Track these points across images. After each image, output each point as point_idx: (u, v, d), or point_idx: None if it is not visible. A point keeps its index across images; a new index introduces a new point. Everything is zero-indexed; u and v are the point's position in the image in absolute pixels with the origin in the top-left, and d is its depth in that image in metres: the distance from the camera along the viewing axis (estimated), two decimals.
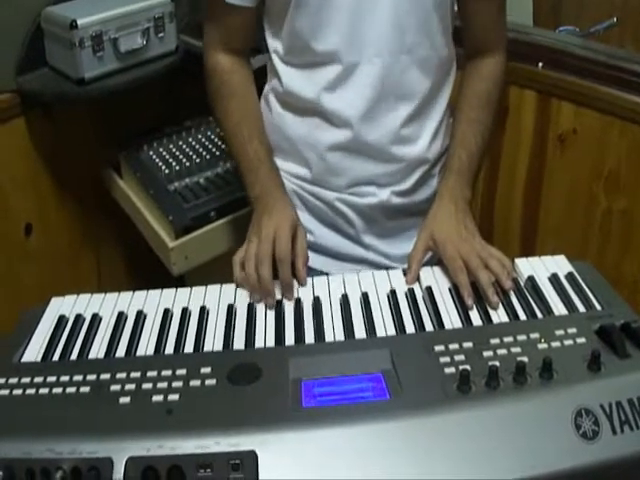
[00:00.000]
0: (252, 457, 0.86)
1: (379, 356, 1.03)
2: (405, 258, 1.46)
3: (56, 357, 1.11)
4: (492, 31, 1.44)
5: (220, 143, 1.99)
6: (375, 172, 1.41)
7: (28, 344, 1.14)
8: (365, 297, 1.20)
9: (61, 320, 1.19)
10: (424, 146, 1.42)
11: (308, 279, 1.26)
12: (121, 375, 1.02)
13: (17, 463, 0.88)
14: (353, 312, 1.17)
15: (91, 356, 1.11)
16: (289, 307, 1.20)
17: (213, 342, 1.12)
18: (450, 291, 1.21)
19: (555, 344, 1.03)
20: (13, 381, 1.03)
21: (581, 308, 1.15)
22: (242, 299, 1.22)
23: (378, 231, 1.46)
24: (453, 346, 1.03)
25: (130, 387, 0.99)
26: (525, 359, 0.98)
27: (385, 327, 1.13)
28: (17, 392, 1.00)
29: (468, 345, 1.03)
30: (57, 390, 1.00)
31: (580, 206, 1.98)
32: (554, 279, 1.22)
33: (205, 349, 1.11)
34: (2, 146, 1.88)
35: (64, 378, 1.02)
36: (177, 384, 0.99)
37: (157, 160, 1.92)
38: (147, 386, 0.99)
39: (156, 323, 1.17)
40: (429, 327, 1.13)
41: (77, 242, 2.13)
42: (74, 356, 1.11)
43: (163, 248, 1.74)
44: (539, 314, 1.14)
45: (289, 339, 1.12)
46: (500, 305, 1.17)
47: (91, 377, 1.02)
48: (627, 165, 1.86)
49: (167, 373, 1.01)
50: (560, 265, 1.26)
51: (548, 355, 0.97)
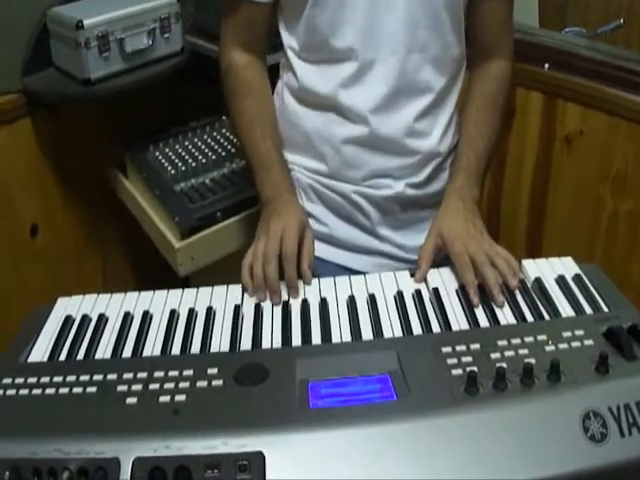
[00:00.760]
0: (259, 458, 0.86)
1: (386, 357, 1.03)
2: (418, 249, 1.47)
3: (62, 357, 1.11)
4: (501, 33, 1.46)
5: (226, 143, 1.99)
6: (390, 165, 1.42)
7: (34, 344, 1.14)
8: (372, 298, 1.20)
9: (67, 320, 1.19)
10: (437, 139, 1.44)
11: (314, 280, 1.26)
12: (128, 375, 1.01)
13: (24, 463, 0.88)
14: (360, 313, 1.17)
15: (98, 356, 1.11)
16: (296, 308, 1.19)
17: (220, 343, 1.12)
18: (457, 292, 1.21)
19: (562, 346, 1.03)
20: (20, 381, 1.02)
21: (588, 310, 1.15)
22: (249, 300, 1.22)
23: (393, 223, 1.48)
24: (460, 347, 1.03)
25: (137, 387, 0.99)
26: (532, 361, 0.98)
27: (392, 328, 1.13)
28: (24, 392, 1.00)
29: (475, 347, 1.03)
30: (64, 390, 1.00)
31: (587, 207, 1.98)
32: (561, 281, 1.22)
33: (212, 350, 1.11)
34: (8, 146, 1.88)
35: (71, 378, 1.02)
36: (184, 385, 0.98)
37: (163, 160, 1.92)
38: (154, 386, 0.99)
39: (163, 324, 1.17)
40: (436, 328, 1.13)
41: (83, 242, 2.13)
42: (81, 356, 1.11)
43: (169, 249, 1.73)
44: (546, 316, 1.14)
45: (296, 340, 1.12)
46: (507, 306, 1.17)
47: (98, 377, 1.02)
48: (634, 166, 1.86)
49: (174, 374, 1.01)
50: (567, 267, 1.26)
51: (556, 357, 0.97)
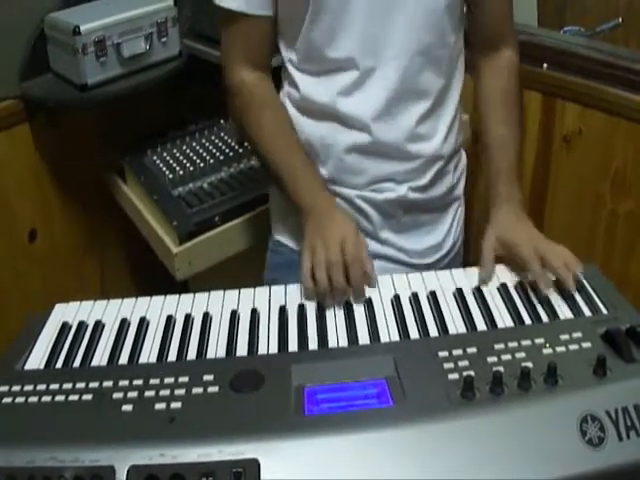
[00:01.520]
0: (255, 465, 0.86)
1: (383, 362, 1.02)
2: (421, 253, 1.47)
3: (59, 364, 1.11)
4: (505, 24, 1.45)
5: (224, 147, 1.99)
6: (393, 170, 1.41)
7: (31, 351, 1.14)
8: (369, 302, 1.20)
9: (64, 327, 1.19)
10: (439, 142, 1.43)
11: None
12: (124, 383, 1.01)
13: (19, 471, 0.88)
14: (357, 318, 1.17)
15: (94, 363, 1.11)
16: (292, 313, 1.19)
17: (216, 349, 1.11)
18: (454, 295, 1.21)
19: (560, 349, 1.02)
20: (16, 389, 1.02)
21: (587, 312, 1.14)
22: (245, 305, 1.21)
23: (395, 226, 1.47)
24: (457, 352, 1.02)
25: (132, 395, 0.98)
26: (530, 364, 0.97)
27: (389, 333, 1.13)
28: (20, 400, 1.00)
29: (472, 350, 1.02)
30: (60, 398, 0.99)
31: (586, 207, 1.97)
32: (559, 282, 1.21)
33: (208, 356, 1.10)
34: (6, 152, 1.88)
35: (67, 386, 1.02)
36: (180, 392, 0.98)
37: (161, 165, 1.92)
38: (150, 394, 0.98)
39: (159, 330, 1.17)
40: (433, 332, 1.12)
41: (81, 247, 2.14)
42: (77, 363, 1.11)
43: (167, 253, 1.73)
44: (544, 318, 1.14)
45: (292, 345, 1.11)
46: (505, 309, 1.16)
47: (94, 385, 1.01)
48: (633, 166, 1.86)
49: (170, 381, 1.00)
50: None
51: (553, 360, 0.96)
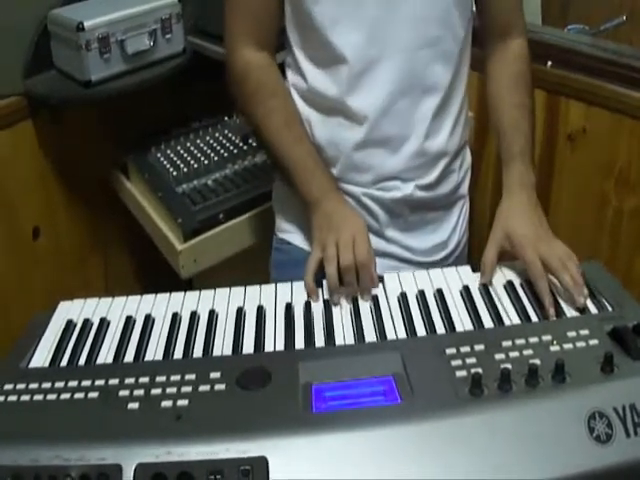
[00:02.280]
0: (263, 463, 0.86)
1: (390, 359, 1.02)
2: (426, 251, 1.46)
3: (64, 362, 1.11)
4: (514, 12, 1.44)
5: (228, 145, 1.98)
6: (399, 167, 1.40)
7: (36, 349, 1.14)
8: (375, 300, 1.20)
9: (69, 325, 1.19)
10: (445, 139, 1.42)
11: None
12: (130, 380, 1.01)
13: (25, 470, 0.87)
14: (363, 315, 1.16)
15: (99, 361, 1.10)
16: (299, 310, 1.19)
17: (222, 346, 1.11)
18: (461, 293, 1.20)
19: (567, 346, 1.02)
20: (21, 387, 1.02)
21: (593, 309, 1.14)
22: (251, 302, 1.21)
23: (401, 225, 1.46)
24: (464, 349, 1.02)
25: (139, 393, 0.98)
26: (537, 362, 0.97)
27: (396, 330, 1.13)
28: (25, 398, 0.99)
29: (480, 348, 1.02)
30: (65, 396, 0.99)
31: (590, 205, 1.97)
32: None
33: (214, 353, 1.10)
34: (10, 149, 1.88)
35: (72, 384, 1.01)
36: (186, 389, 0.98)
37: (165, 162, 1.91)
38: (156, 391, 0.98)
39: (165, 327, 1.16)
40: (440, 330, 1.12)
41: (85, 245, 2.13)
42: (82, 361, 1.11)
43: (171, 251, 1.73)
44: (552, 318, 1.13)
45: (299, 343, 1.11)
46: (511, 306, 1.16)
47: (99, 382, 1.01)
48: (638, 164, 1.85)
49: (176, 378, 1.00)
50: None
51: (560, 357, 0.96)
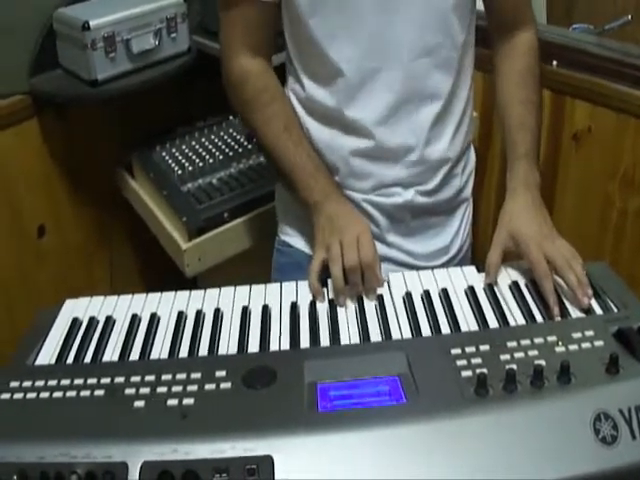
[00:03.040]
0: (269, 462, 0.86)
1: (395, 359, 1.02)
2: (428, 256, 1.45)
3: (70, 360, 1.11)
4: (523, 5, 1.42)
5: (233, 144, 1.98)
6: (400, 175, 1.39)
7: (42, 346, 1.14)
8: (380, 300, 1.20)
9: (75, 322, 1.19)
10: (445, 145, 1.40)
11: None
12: (135, 379, 1.01)
13: (31, 467, 0.88)
14: (368, 315, 1.16)
15: (105, 359, 1.11)
16: (304, 310, 1.19)
17: (228, 345, 1.11)
18: (466, 293, 1.20)
19: (573, 347, 1.02)
20: (27, 384, 1.02)
21: (598, 310, 1.14)
22: (256, 301, 1.21)
23: (402, 230, 1.45)
24: (470, 349, 1.02)
25: (145, 391, 0.98)
26: (543, 362, 0.97)
27: (401, 330, 1.13)
28: (31, 395, 1.00)
29: (485, 348, 1.02)
30: (71, 393, 0.99)
31: (595, 205, 1.97)
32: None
33: (220, 352, 1.10)
34: (15, 147, 1.88)
35: (78, 381, 1.01)
36: (192, 388, 0.98)
37: (170, 161, 1.92)
38: (162, 390, 0.98)
39: (170, 326, 1.17)
40: (445, 330, 1.12)
41: (90, 243, 2.14)
42: (88, 359, 1.11)
43: (176, 249, 1.73)
44: (557, 318, 1.13)
45: (304, 342, 1.11)
46: (516, 307, 1.16)
47: (105, 380, 1.01)
48: None
49: (182, 377, 1.00)
50: None
51: (566, 358, 0.96)
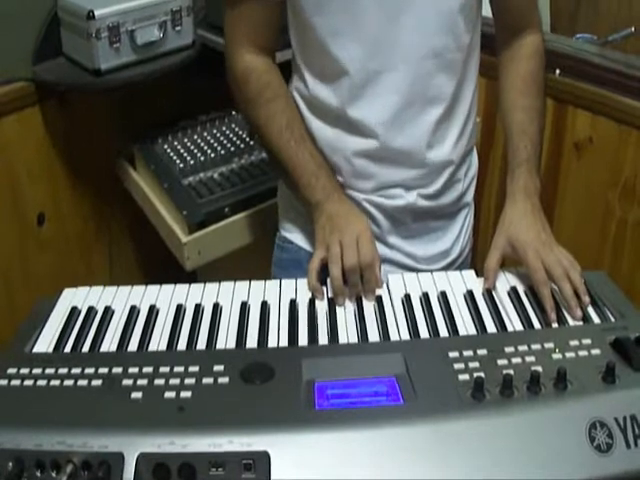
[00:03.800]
0: (265, 457, 0.86)
1: (393, 360, 1.02)
2: (428, 259, 1.45)
3: (68, 349, 1.11)
4: (528, 8, 1.42)
5: (235, 139, 1.99)
6: (402, 177, 1.38)
7: (40, 334, 1.14)
8: (379, 301, 1.20)
9: (73, 312, 1.19)
10: (449, 148, 1.39)
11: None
12: (133, 370, 1.01)
13: (27, 455, 0.88)
14: (367, 315, 1.17)
15: (103, 349, 1.11)
16: (303, 308, 1.19)
17: (226, 340, 1.12)
18: (464, 297, 1.21)
19: (570, 354, 1.02)
20: (25, 371, 1.02)
21: (596, 319, 1.15)
22: (255, 297, 1.21)
23: (403, 232, 1.44)
24: (467, 353, 1.02)
25: (142, 382, 0.98)
26: (539, 369, 0.97)
27: (399, 331, 1.13)
28: (28, 383, 1.00)
29: (482, 352, 1.02)
30: (68, 382, 0.99)
31: (595, 215, 1.97)
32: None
33: (218, 346, 1.10)
34: (17, 134, 1.88)
35: (76, 370, 1.02)
36: (189, 381, 0.98)
37: (171, 154, 1.92)
38: (159, 382, 0.98)
39: (169, 318, 1.17)
40: (443, 333, 1.12)
41: (90, 233, 2.13)
42: (86, 348, 1.11)
43: (176, 243, 1.73)
44: (554, 323, 1.14)
45: (302, 339, 1.12)
46: (514, 313, 1.17)
47: (103, 370, 1.01)
48: None
49: (179, 369, 1.00)
50: None
51: (563, 365, 0.96)
